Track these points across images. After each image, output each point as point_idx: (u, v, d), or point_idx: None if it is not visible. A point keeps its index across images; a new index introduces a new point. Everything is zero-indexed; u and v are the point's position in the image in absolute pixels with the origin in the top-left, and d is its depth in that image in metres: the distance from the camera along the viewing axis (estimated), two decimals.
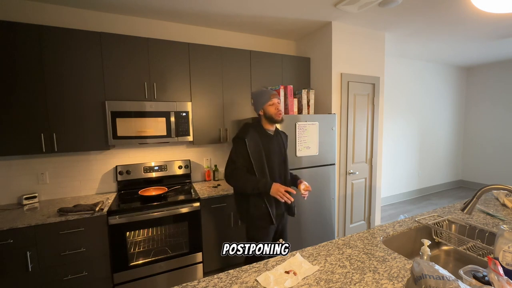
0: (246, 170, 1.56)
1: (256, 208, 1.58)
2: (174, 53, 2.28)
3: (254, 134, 1.58)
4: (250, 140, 1.55)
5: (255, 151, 1.55)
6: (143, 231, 2.03)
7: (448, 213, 1.57)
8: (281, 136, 1.74)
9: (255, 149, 1.55)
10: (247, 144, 1.53)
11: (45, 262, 1.74)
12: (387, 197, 4.43)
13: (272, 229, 1.65)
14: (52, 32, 1.90)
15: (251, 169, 1.55)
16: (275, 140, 1.66)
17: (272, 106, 1.60)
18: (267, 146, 1.60)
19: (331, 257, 1.11)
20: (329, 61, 2.74)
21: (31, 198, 2.10)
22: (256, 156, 1.55)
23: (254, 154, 1.54)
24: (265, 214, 1.58)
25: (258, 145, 1.57)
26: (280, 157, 1.66)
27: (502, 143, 4.77)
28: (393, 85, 4.25)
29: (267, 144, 1.61)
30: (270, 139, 1.63)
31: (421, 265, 0.76)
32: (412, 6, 2.31)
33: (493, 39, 3.38)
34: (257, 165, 1.55)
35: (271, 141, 1.64)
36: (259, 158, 1.55)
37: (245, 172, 1.56)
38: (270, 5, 2.27)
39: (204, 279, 0.97)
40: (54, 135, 1.95)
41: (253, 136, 1.57)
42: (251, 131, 1.59)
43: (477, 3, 1.00)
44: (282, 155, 1.68)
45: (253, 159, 1.54)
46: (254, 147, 1.55)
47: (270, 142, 1.63)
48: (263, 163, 1.56)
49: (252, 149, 1.54)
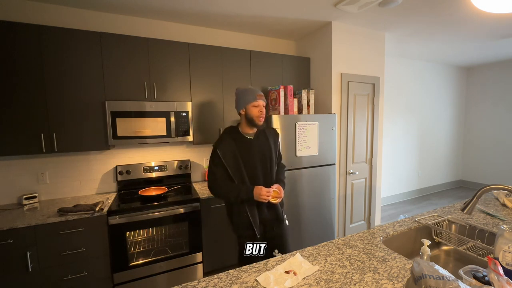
0: (227, 178, 1.50)
1: (239, 217, 1.52)
2: (174, 53, 2.28)
3: (229, 142, 1.51)
4: (223, 148, 1.49)
5: (231, 159, 1.47)
6: (143, 231, 2.03)
7: (448, 213, 1.57)
8: (267, 137, 1.60)
9: (230, 157, 1.47)
10: (220, 154, 1.47)
11: (45, 262, 1.74)
12: (387, 197, 4.43)
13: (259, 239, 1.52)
14: (52, 32, 1.90)
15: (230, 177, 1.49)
16: (255, 144, 1.54)
17: (256, 107, 1.48)
18: (245, 152, 1.50)
19: (331, 257, 1.11)
20: (329, 61, 2.74)
21: (31, 198, 2.10)
22: (232, 164, 1.47)
23: (229, 163, 1.47)
24: (247, 223, 1.50)
25: (234, 152, 1.48)
26: (264, 161, 1.55)
27: (502, 143, 4.77)
28: (393, 85, 4.25)
29: (245, 150, 1.51)
30: (249, 144, 1.53)
31: (421, 265, 0.76)
32: (412, 6, 2.31)
33: (493, 39, 3.38)
34: (235, 174, 1.48)
35: (250, 146, 1.52)
36: (236, 166, 1.48)
37: (225, 181, 1.50)
38: (270, 5, 2.27)
39: (204, 279, 0.97)
40: (54, 135, 1.95)
41: (227, 143, 1.50)
42: (226, 138, 1.53)
43: (477, 3, 1.00)
44: (267, 158, 1.56)
45: (229, 168, 1.47)
46: (229, 155, 1.48)
47: (249, 147, 1.52)
48: (241, 171, 1.48)
49: (227, 158, 1.47)
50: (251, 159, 1.51)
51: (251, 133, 1.56)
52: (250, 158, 1.51)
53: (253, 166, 1.52)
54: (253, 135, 1.56)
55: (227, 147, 1.50)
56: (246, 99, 1.50)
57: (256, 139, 1.56)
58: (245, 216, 1.50)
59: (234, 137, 1.54)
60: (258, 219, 1.52)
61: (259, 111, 1.49)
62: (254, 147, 1.53)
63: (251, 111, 1.49)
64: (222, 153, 1.48)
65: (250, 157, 1.51)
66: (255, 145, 1.54)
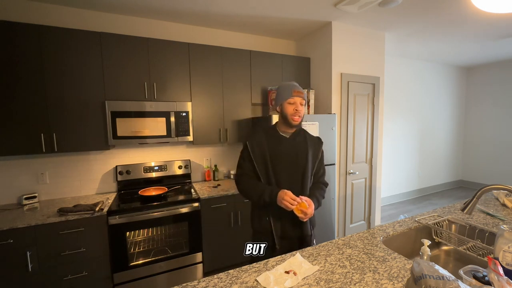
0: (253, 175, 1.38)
1: (259, 222, 1.37)
2: (174, 53, 2.28)
3: (261, 136, 1.41)
4: (253, 142, 1.39)
5: (258, 154, 1.36)
6: (143, 231, 2.03)
7: (448, 213, 1.57)
8: (306, 141, 1.43)
9: (258, 152, 1.36)
10: (249, 147, 1.38)
11: (45, 262, 1.74)
12: (387, 197, 4.43)
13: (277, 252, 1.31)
14: (52, 32, 1.90)
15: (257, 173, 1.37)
16: (289, 144, 1.39)
17: (291, 105, 1.34)
18: (275, 149, 1.37)
19: (331, 257, 1.11)
20: (329, 61, 2.74)
21: (31, 198, 2.10)
22: (259, 159, 1.36)
23: (257, 158, 1.36)
24: (267, 230, 1.34)
25: (263, 147, 1.37)
26: (295, 164, 1.38)
27: (502, 143, 4.77)
28: (393, 85, 4.25)
29: (276, 147, 1.38)
30: (280, 142, 1.39)
31: (421, 265, 0.76)
32: (412, 6, 2.31)
33: (493, 39, 3.38)
34: (261, 169, 1.36)
35: (283, 144, 1.39)
36: (262, 162, 1.36)
37: (251, 177, 1.38)
38: (270, 5, 2.27)
39: (204, 279, 0.97)
40: (54, 135, 1.95)
41: (258, 137, 1.40)
42: (258, 132, 1.44)
43: (477, 3, 1.00)
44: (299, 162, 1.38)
45: (256, 163, 1.36)
46: (258, 149, 1.37)
47: (281, 145, 1.38)
48: (267, 169, 1.35)
49: (255, 152, 1.36)
50: (281, 158, 1.36)
51: (288, 132, 1.41)
52: (279, 157, 1.36)
53: (281, 166, 1.36)
54: (290, 134, 1.41)
55: (257, 140, 1.39)
56: (283, 95, 1.36)
57: (292, 139, 1.41)
58: (267, 220, 1.35)
59: (268, 132, 1.43)
60: (281, 230, 1.35)
61: (294, 109, 1.34)
62: (286, 145, 1.38)
63: (286, 108, 1.35)
64: (251, 146, 1.37)
65: (279, 155, 1.37)
66: (287, 144, 1.39)
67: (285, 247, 1.34)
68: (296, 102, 1.34)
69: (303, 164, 1.38)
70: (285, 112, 1.36)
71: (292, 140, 1.40)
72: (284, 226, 1.35)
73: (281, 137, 1.40)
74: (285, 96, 1.35)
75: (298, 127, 1.41)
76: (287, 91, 1.35)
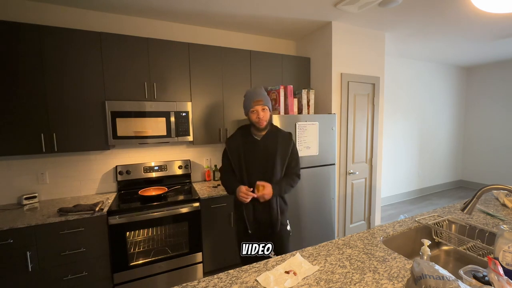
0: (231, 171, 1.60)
1: (236, 211, 1.64)
2: (174, 53, 2.28)
3: (238, 137, 1.61)
4: (230, 143, 1.60)
5: (235, 155, 1.57)
6: (143, 231, 2.03)
7: (448, 213, 1.57)
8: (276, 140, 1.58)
9: (235, 153, 1.57)
10: (227, 148, 1.60)
11: (45, 262, 1.74)
12: (387, 197, 4.43)
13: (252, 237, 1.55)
14: (52, 32, 1.90)
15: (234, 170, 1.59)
16: (259, 145, 1.56)
17: (254, 113, 1.53)
18: (248, 151, 1.56)
19: (331, 257, 1.11)
20: (329, 61, 2.74)
21: (31, 198, 2.10)
22: (235, 160, 1.57)
23: (233, 158, 1.57)
24: (241, 217, 1.59)
25: (238, 149, 1.57)
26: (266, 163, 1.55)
27: (502, 143, 4.77)
28: (393, 85, 4.25)
29: (249, 149, 1.56)
30: (253, 144, 1.57)
31: (421, 265, 0.76)
32: (412, 6, 2.31)
33: (493, 39, 3.38)
34: (236, 168, 1.58)
35: (254, 146, 1.56)
36: (238, 163, 1.57)
37: (229, 173, 1.61)
38: (271, 5, 2.27)
39: (204, 279, 0.97)
40: (54, 135, 1.95)
41: (235, 139, 1.61)
42: (236, 134, 1.64)
43: (477, 3, 1.00)
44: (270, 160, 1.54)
45: (233, 162, 1.58)
46: (234, 151, 1.58)
47: (253, 147, 1.56)
48: (242, 169, 1.56)
49: (232, 153, 1.58)
50: (253, 159, 1.56)
51: (259, 134, 1.60)
52: (252, 158, 1.56)
53: (254, 166, 1.55)
54: (261, 137, 1.59)
55: (234, 142, 1.60)
56: (246, 105, 1.57)
57: (263, 140, 1.58)
58: (240, 208, 1.58)
59: (243, 134, 1.62)
60: (252, 216, 1.56)
61: (257, 116, 1.52)
62: (258, 148, 1.57)
63: (250, 117, 1.55)
64: (228, 147, 1.60)
65: (252, 157, 1.56)
66: (259, 146, 1.57)
67: (257, 231, 1.57)
68: (258, 110, 1.52)
69: (272, 163, 1.55)
70: (251, 120, 1.56)
71: (263, 142, 1.58)
72: (254, 211, 1.56)
73: (254, 140, 1.59)
74: (247, 107, 1.55)
75: (267, 128, 1.58)
76: (248, 102, 1.54)
